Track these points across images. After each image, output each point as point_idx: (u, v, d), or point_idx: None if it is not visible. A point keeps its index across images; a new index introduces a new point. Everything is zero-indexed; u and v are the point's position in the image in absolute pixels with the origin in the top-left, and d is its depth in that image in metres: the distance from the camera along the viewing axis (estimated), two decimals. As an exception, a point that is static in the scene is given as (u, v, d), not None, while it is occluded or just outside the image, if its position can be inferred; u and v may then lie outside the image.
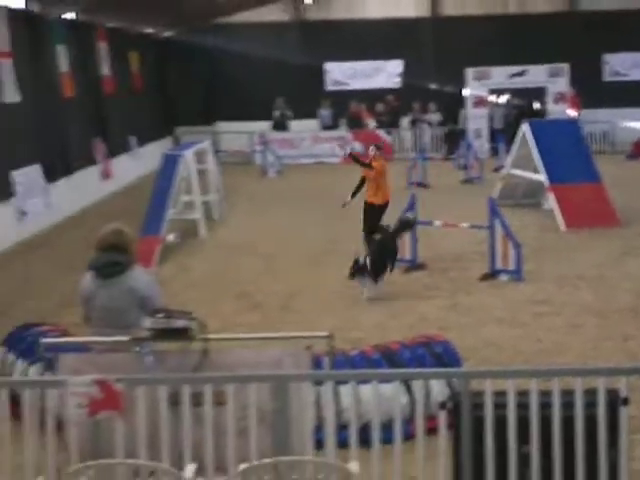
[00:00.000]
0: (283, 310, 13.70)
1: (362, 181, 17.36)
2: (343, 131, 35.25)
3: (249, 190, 26.95)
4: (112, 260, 7.76)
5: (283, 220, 21.47)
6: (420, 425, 6.60)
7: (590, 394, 6.45)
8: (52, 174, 22.56)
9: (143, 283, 7.80)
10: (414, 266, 15.85)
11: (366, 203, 17.23)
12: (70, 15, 26.02)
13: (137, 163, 30.85)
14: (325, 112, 36.14)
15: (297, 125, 35.52)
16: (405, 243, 15.95)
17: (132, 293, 7.69)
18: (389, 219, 16.38)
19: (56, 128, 23.41)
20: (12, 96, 20.84)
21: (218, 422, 6.54)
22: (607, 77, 37.29)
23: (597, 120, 33.88)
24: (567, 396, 6.43)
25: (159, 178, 19.47)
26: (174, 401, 6.48)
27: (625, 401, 6.45)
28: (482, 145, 32.61)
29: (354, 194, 17.41)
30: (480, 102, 33.80)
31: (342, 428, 6.99)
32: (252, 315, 13.31)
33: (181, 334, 6.80)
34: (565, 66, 33.69)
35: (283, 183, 28.84)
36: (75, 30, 26.31)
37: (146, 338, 6.93)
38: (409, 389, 7.80)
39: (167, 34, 37.90)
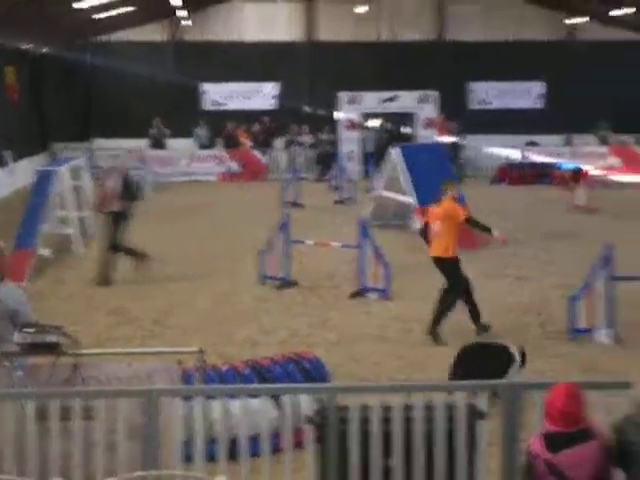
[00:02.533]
0: (157, 325, 13.57)
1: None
2: (219, 150, 35.21)
3: (125, 207, 26.58)
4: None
5: (159, 237, 21.26)
6: (288, 439, 6.62)
7: (451, 408, 6.57)
8: None
9: (13, 297, 7.62)
10: (286, 283, 15.89)
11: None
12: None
13: (12, 178, 30.16)
14: (201, 131, 36.07)
15: (174, 144, 35.33)
16: (277, 261, 15.99)
17: (1, 307, 7.51)
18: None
19: None
20: None
21: (86, 436, 6.44)
22: (472, 105, 38.17)
23: (465, 147, 34.65)
24: (429, 410, 6.54)
25: (33, 193, 19.11)
26: (42, 415, 6.35)
27: (483, 415, 6.58)
28: (354, 167, 32.96)
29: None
30: (352, 125, 34.21)
31: (212, 442, 6.95)
32: (126, 330, 13.15)
33: (51, 349, 6.67)
34: (434, 93, 34.36)
35: (159, 200, 28.58)
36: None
37: (15, 352, 6.78)
38: (279, 404, 7.81)
39: (44, 50, 37.21)
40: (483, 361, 10.07)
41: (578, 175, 28.71)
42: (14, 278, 9.16)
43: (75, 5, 27.93)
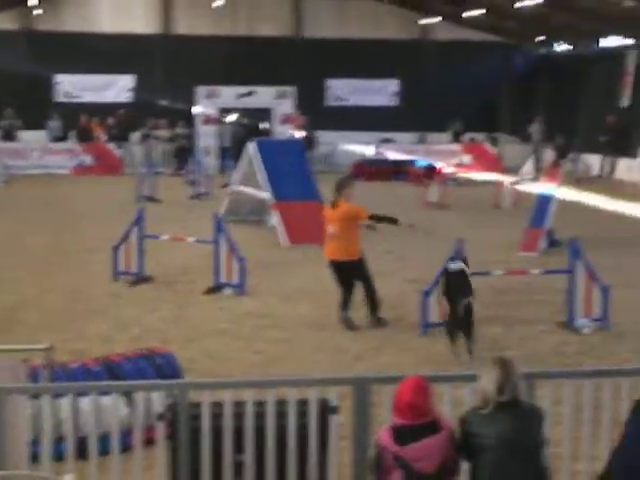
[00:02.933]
0: (7, 322, 13.19)
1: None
2: (73, 143, 34.56)
3: (-27, 200, 25.89)
4: None
5: (10, 231, 20.73)
6: (138, 436, 6.54)
7: (304, 404, 6.61)
8: None
9: None
10: (140, 279, 15.69)
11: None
12: None
13: None
14: (54, 124, 35.35)
15: (26, 135, 34.51)
16: (131, 256, 15.78)
17: None
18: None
19: None
20: None
21: None
22: (329, 101, 38.52)
23: (319, 142, 34.91)
24: (282, 406, 6.56)
25: None
26: None
27: (335, 409, 6.64)
28: (211, 162, 32.85)
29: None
30: (209, 120, 34.07)
31: (60, 440, 6.81)
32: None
33: None
34: (291, 89, 34.53)
35: (10, 193, 27.87)
36: None
37: None
38: (130, 401, 7.71)
39: None
40: None
41: (431, 172, 29.33)
42: None
43: None
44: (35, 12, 36.49)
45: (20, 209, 24.18)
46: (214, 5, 37.06)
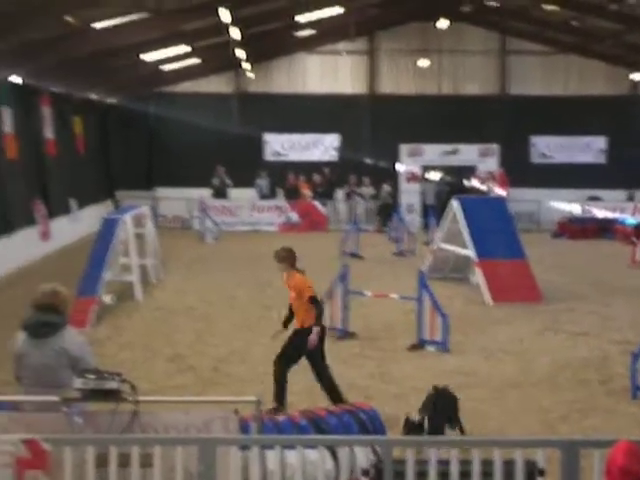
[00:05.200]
0: (215, 373, 13.60)
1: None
2: (280, 201, 35.42)
3: (186, 255, 26.88)
4: (45, 320, 7.68)
5: (219, 285, 21.40)
6: (343, 491, 6.58)
7: (509, 464, 6.48)
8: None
9: (75, 344, 7.72)
10: (344, 334, 15.86)
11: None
12: (16, 79, 25.94)
13: (76, 225, 30.62)
14: (263, 182, 36.34)
15: (236, 193, 35.61)
16: (336, 311, 15.98)
17: (63, 354, 7.60)
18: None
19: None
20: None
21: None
22: (534, 159, 38.02)
23: (524, 199, 34.49)
24: (486, 466, 6.46)
25: (97, 240, 19.32)
26: (101, 462, 6.38)
27: (542, 472, 6.48)
28: (414, 219, 32.98)
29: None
30: (413, 178, 34.25)
31: (267, 492, 6.92)
32: (184, 377, 13.19)
33: (111, 395, 6.72)
34: (495, 146, 34.35)
35: (220, 249, 28.81)
36: (20, 93, 26.23)
37: (76, 398, 6.83)
38: (334, 455, 7.76)
39: (110, 100, 37.91)
40: None
41: (640, 230, 28.44)
42: (76, 324, 9.27)
43: (143, 57, 28.48)
44: (247, 75, 37.87)
45: (229, 264, 24.93)
46: (419, 64, 37.48)
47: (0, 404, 7.68)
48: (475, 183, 34.52)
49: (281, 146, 37.87)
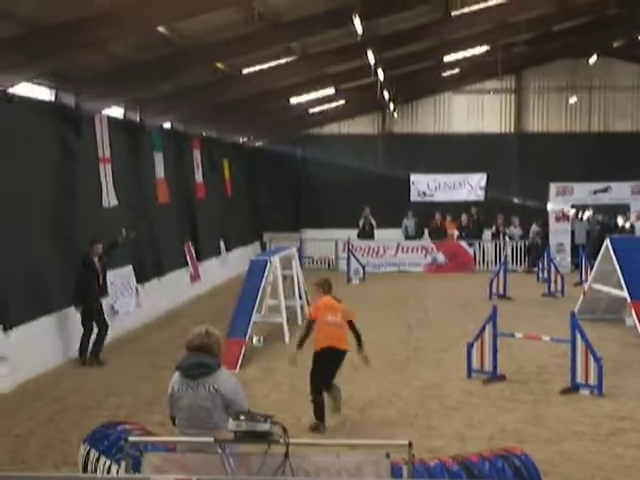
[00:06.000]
0: (362, 415, 13.58)
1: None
2: (426, 241, 35.27)
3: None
4: (199, 362, 7.81)
5: (365, 326, 21.30)
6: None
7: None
8: (144, 275, 22.91)
9: (229, 386, 7.81)
10: (494, 377, 15.63)
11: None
12: (166, 124, 26.71)
13: (225, 266, 31.20)
14: (409, 222, 36.26)
15: (381, 234, 35.64)
16: (485, 354, 15.78)
17: (217, 395, 7.71)
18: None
19: (150, 232, 23.83)
20: (111, 201, 21.35)
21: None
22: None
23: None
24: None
25: (246, 282, 19.60)
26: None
27: None
28: (564, 259, 32.36)
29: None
30: (563, 217, 33.64)
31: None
32: (331, 419, 13.19)
33: (263, 437, 6.76)
34: (650, 184, 33.51)
35: (366, 290, 28.87)
36: (172, 138, 26.97)
37: (229, 440, 6.91)
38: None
39: (258, 143, 38.64)
40: None
41: None
42: (226, 366, 9.40)
43: (292, 100, 28.96)
44: (392, 116, 38.08)
45: (375, 304, 24.90)
46: (570, 102, 37.04)
47: (155, 445, 7.83)
48: (628, 222, 33.69)
49: (427, 186, 37.75)
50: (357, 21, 19.37)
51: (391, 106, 35.71)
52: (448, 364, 16.96)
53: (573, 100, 37.17)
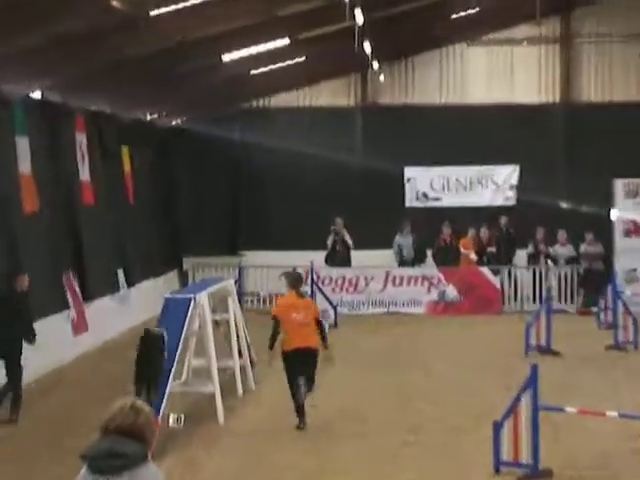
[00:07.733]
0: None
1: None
2: (430, 268, 35.21)
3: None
4: (110, 449, 7.55)
5: (340, 397, 21.32)
6: None
7: None
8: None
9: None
10: (535, 474, 15.62)
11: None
12: (34, 94, 26.36)
13: (126, 309, 30.98)
14: (404, 240, 36.30)
15: (361, 257, 35.68)
16: (520, 438, 15.76)
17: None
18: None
19: (10, 256, 23.66)
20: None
21: None
22: None
23: None
24: None
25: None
26: None
27: None
28: (638, 294, 32.45)
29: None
30: (635, 230, 33.80)
31: None
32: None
33: None
34: None
35: (340, 341, 28.62)
36: (43, 115, 26.57)
37: None
38: None
39: (175, 122, 38.51)
40: None
41: None
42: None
43: (226, 57, 28.65)
44: (376, 80, 38.24)
45: (353, 365, 24.69)
46: None
47: None
48: None
49: (430, 185, 37.77)
50: None
51: (375, 64, 35.71)
52: (465, 453, 16.97)
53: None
